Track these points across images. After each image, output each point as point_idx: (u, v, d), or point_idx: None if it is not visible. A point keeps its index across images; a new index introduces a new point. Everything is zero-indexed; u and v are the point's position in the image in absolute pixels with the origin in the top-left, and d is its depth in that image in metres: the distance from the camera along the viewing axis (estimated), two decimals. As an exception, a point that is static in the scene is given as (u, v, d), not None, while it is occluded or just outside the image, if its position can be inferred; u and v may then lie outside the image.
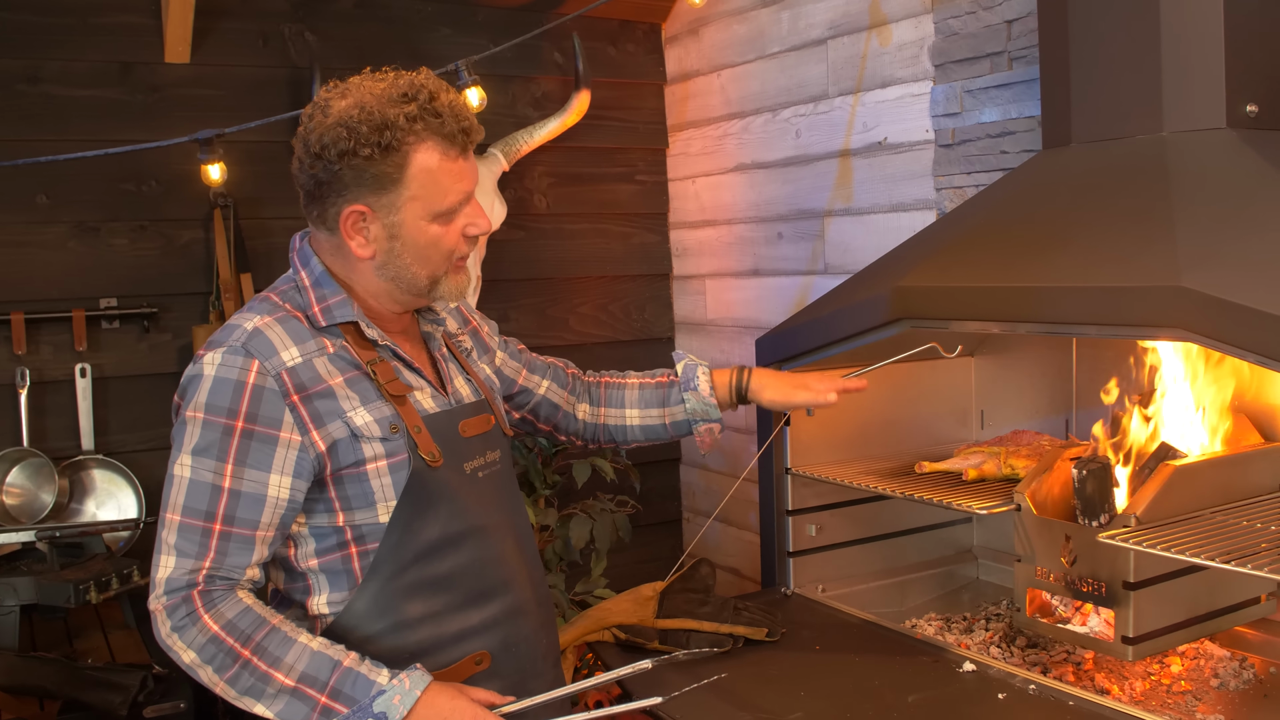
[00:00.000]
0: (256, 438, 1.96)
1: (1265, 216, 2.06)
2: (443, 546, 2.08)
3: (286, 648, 1.92)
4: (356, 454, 2.02)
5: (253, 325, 2.01)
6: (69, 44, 3.66)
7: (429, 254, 2.07)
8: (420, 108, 1.99)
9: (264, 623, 1.93)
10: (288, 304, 2.08)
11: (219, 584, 1.94)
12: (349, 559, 2.05)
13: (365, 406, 2.03)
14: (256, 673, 1.90)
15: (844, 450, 3.00)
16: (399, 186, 2.01)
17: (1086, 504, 2.34)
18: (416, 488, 2.05)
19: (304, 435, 1.98)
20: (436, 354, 2.24)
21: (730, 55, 4.22)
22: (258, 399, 1.96)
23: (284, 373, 1.98)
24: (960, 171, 3.23)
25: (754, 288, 4.22)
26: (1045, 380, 3.03)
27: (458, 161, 2.04)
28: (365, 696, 1.89)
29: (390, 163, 1.99)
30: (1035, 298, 2.25)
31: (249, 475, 1.96)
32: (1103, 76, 2.43)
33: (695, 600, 2.64)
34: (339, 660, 1.92)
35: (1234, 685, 2.39)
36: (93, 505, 3.71)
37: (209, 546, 1.94)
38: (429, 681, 1.94)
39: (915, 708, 2.24)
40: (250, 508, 1.96)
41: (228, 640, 1.90)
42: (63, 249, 3.68)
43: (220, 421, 1.96)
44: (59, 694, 3.03)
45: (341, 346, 2.07)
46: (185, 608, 1.92)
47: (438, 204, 2.04)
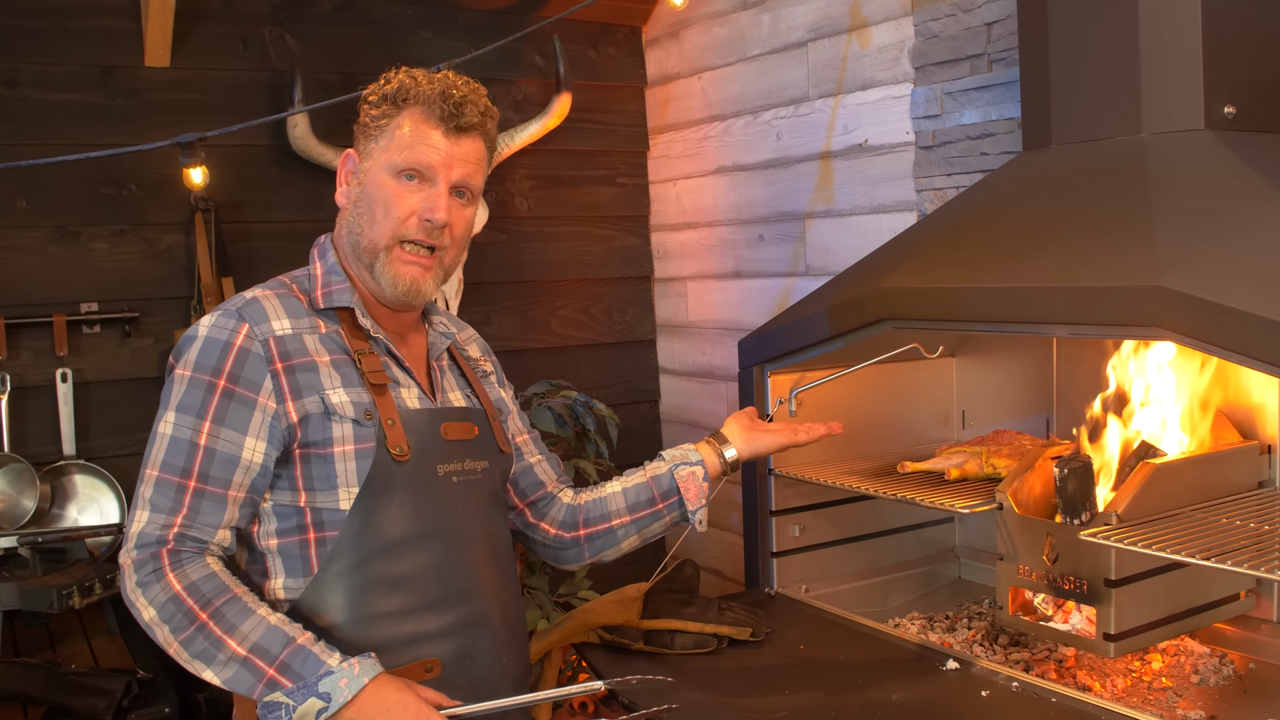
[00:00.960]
0: (236, 398, 1.99)
1: (1243, 216, 2.08)
2: (403, 544, 2.07)
3: (244, 617, 1.91)
4: (326, 431, 2.02)
5: (253, 295, 2.09)
6: (48, 48, 3.65)
7: (377, 213, 2.10)
8: (429, 86, 2.11)
9: (226, 590, 1.93)
10: (294, 285, 2.15)
11: (189, 544, 1.95)
12: (306, 545, 2.04)
13: (345, 388, 2.05)
14: (210, 637, 1.89)
15: (826, 451, 3.01)
16: (382, 136, 2.11)
17: (1068, 502, 2.35)
18: (379, 479, 2.04)
19: (280, 404, 2.01)
20: (434, 362, 2.24)
21: (711, 58, 4.23)
22: (242, 360, 2.00)
23: (271, 339, 2.02)
24: (941, 173, 3.25)
25: (735, 290, 4.23)
26: (1026, 380, 3.05)
27: (434, 133, 2.09)
28: (312, 674, 1.88)
29: (383, 112, 2.11)
30: (1016, 298, 2.26)
31: (225, 435, 1.98)
32: (1082, 79, 2.45)
33: (680, 601, 2.64)
34: (294, 637, 1.91)
35: (1214, 681, 2.40)
36: (74, 510, 3.70)
37: (182, 503, 1.96)
38: (379, 671, 1.92)
39: (899, 706, 2.25)
40: (224, 466, 1.98)
41: (188, 601, 1.90)
42: (43, 253, 3.67)
43: (205, 379, 1.99)
44: (43, 700, 3.02)
45: (335, 331, 2.10)
46: (152, 564, 1.92)
47: (397, 156, 2.09)
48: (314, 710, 1.86)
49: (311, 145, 3.86)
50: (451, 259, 2.17)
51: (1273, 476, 2.53)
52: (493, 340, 4.29)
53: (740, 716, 2.23)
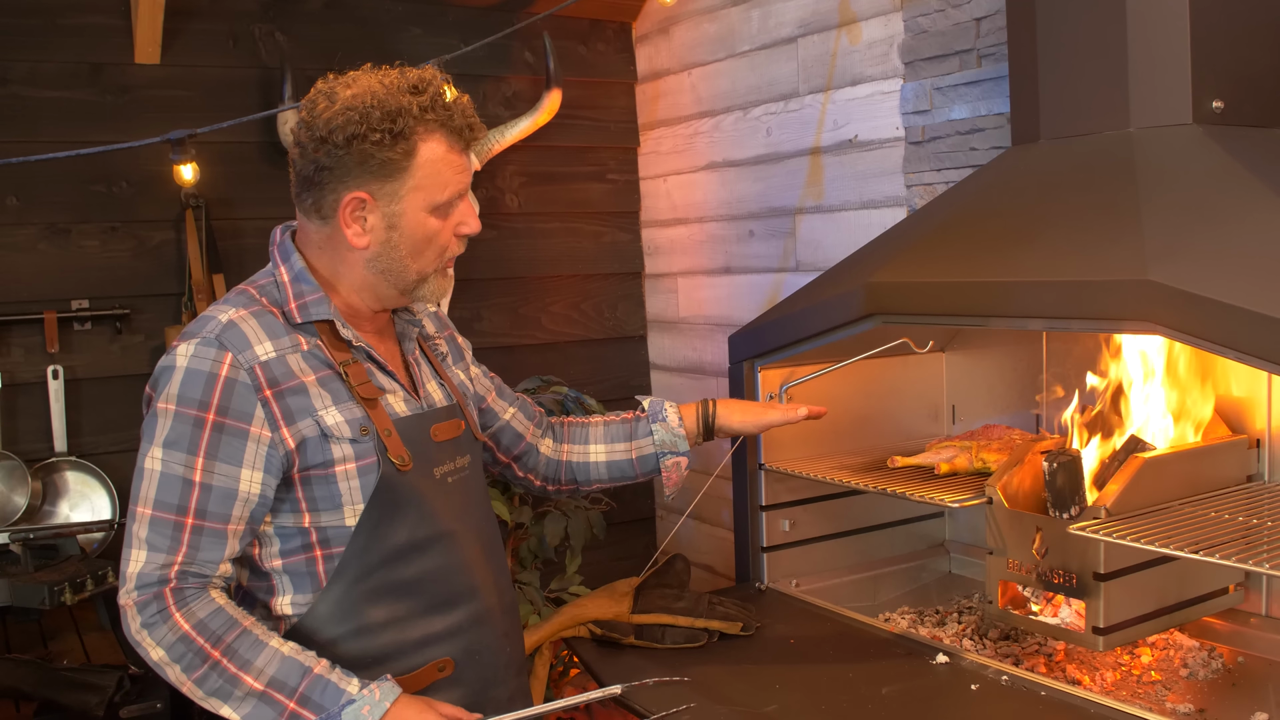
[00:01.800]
0: (228, 431, 1.95)
1: (1230, 210, 2.09)
2: (409, 551, 2.07)
3: (257, 651, 1.91)
4: (325, 454, 2.00)
5: (227, 318, 2.00)
6: (37, 45, 3.64)
7: (423, 248, 2.07)
8: (431, 99, 2.01)
9: (235, 624, 1.92)
10: (264, 298, 2.07)
11: (192, 581, 1.93)
12: (313, 561, 2.04)
13: (336, 406, 2.02)
14: (225, 674, 1.89)
15: (817, 446, 3.02)
16: (404, 175, 2.01)
17: (1057, 496, 2.36)
18: (385, 492, 2.04)
19: (274, 431, 1.97)
20: (410, 356, 2.23)
21: (701, 54, 4.23)
22: (229, 392, 1.95)
23: (257, 366, 1.97)
24: (930, 168, 3.25)
25: (726, 285, 4.24)
26: (1016, 375, 3.05)
27: (460, 156, 2.06)
28: (334, 705, 1.88)
29: (398, 150, 1.99)
30: (1005, 292, 2.27)
31: (220, 469, 1.94)
32: (1070, 74, 2.45)
33: (670, 595, 2.65)
34: (310, 667, 1.91)
35: (1203, 675, 2.41)
36: (66, 507, 3.70)
37: (181, 541, 1.93)
38: (399, 693, 1.93)
39: (889, 700, 2.25)
40: (222, 502, 1.94)
41: (198, 640, 1.89)
42: (33, 251, 3.67)
43: (191, 414, 1.94)
44: (35, 696, 3.02)
45: (315, 345, 2.05)
46: (156, 604, 1.90)
47: (438, 195, 2.04)
48: None
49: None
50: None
51: (1261, 470, 2.54)
52: (483, 336, 4.33)
53: (731, 711, 2.23)
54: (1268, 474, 2.53)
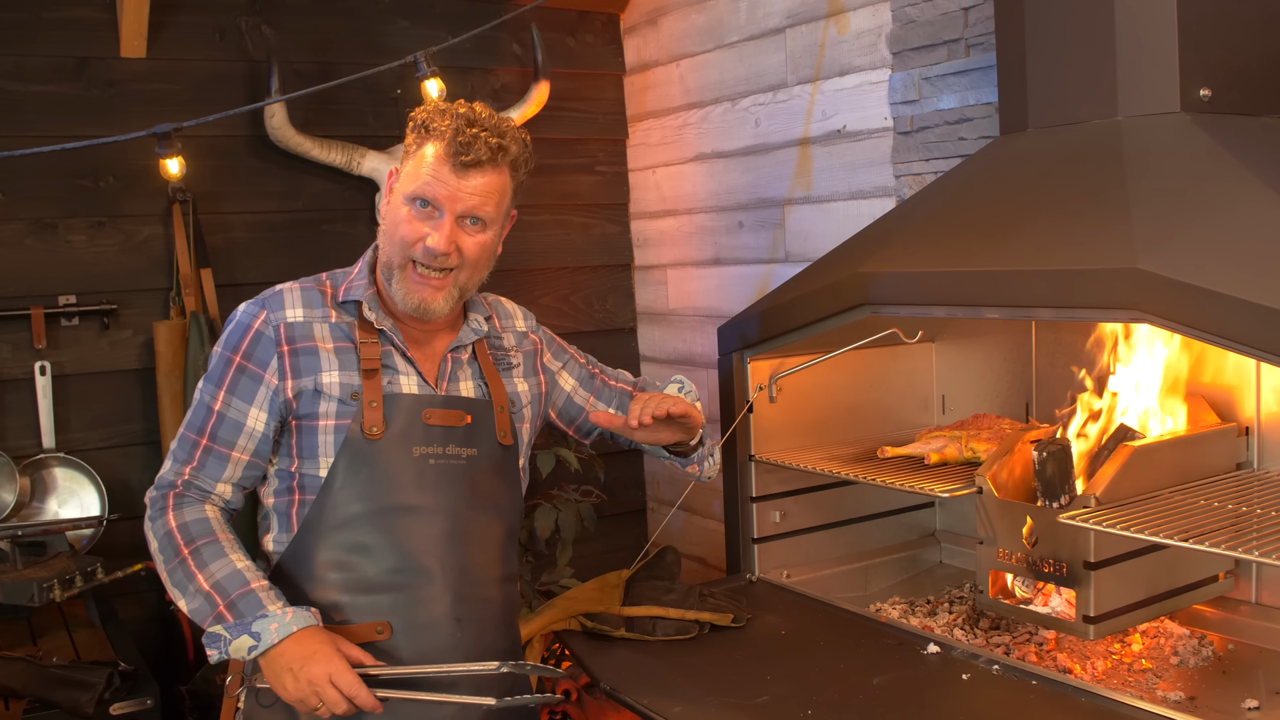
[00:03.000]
0: (247, 373, 2.23)
1: (1218, 198, 2.09)
2: (370, 515, 2.23)
3: (216, 558, 2.15)
4: (314, 406, 2.23)
5: (281, 287, 2.30)
6: (22, 39, 3.63)
7: (392, 232, 2.25)
8: (452, 119, 2.20)
9: (210, 533, 2.18)
10: (329, 281, 2.35)
11: (194, 491, 2.23)
12: (291, 504, 2.27)
13: (339, 372, 2.24)
14: (187, 571, 2.14)
15: (807, 436, 3.02)
16: (409, 161, 2.24)
17: (1047, 485, 2.36)
18: (349, 453, 2.22)
19: (281, 380, 2.23)
20: (450, 354, 2.35)
21: (689, 45, 4.23)
22: (256, 341, 2.24)
23: (282, 325, 2.24)
24: (919, 158, 3.25)
25: (715, 277, 4.23)
26: (1005, 364, 3.06)
27: (445, 166, 2.19)
28: (251, 615, 2.08)
29: (415, 143, 2.24)
30: (994, 281, 2.27)
31: (235, 403, 2.23)
32: (1058, 62, 2.45)
33: (661, 587, 2.65)
34: (249, 581, 2.13)
35: (1193, 663, 2.42)
36: (54, 504, 3.69)
37: (194, 456, 2.24)
38: (310, 623, 2.11)
39: (880, 689, 2.26)
40: (230, 430, 2.23)
41: (177, 538, 2.17)
42: (20, 246, 3.65)
43: (228, 356, 2.25)
44: (24, 693, 3.00)
45: (348, 323, 2.28)
46: (161, 503, 2.22)
47: (409, 185, 2.22)
48: (245, 646, 2.08)
49: (289, 135, 3.85)
50: (467, 278, 2.29)
51: (1250, 458, 2.54)
52: (473, 329, 4.30)
53: (722, 702, 2.23)
54: (1257, 462, 2.54)
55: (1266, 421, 2.52)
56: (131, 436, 3.83)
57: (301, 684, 2.06)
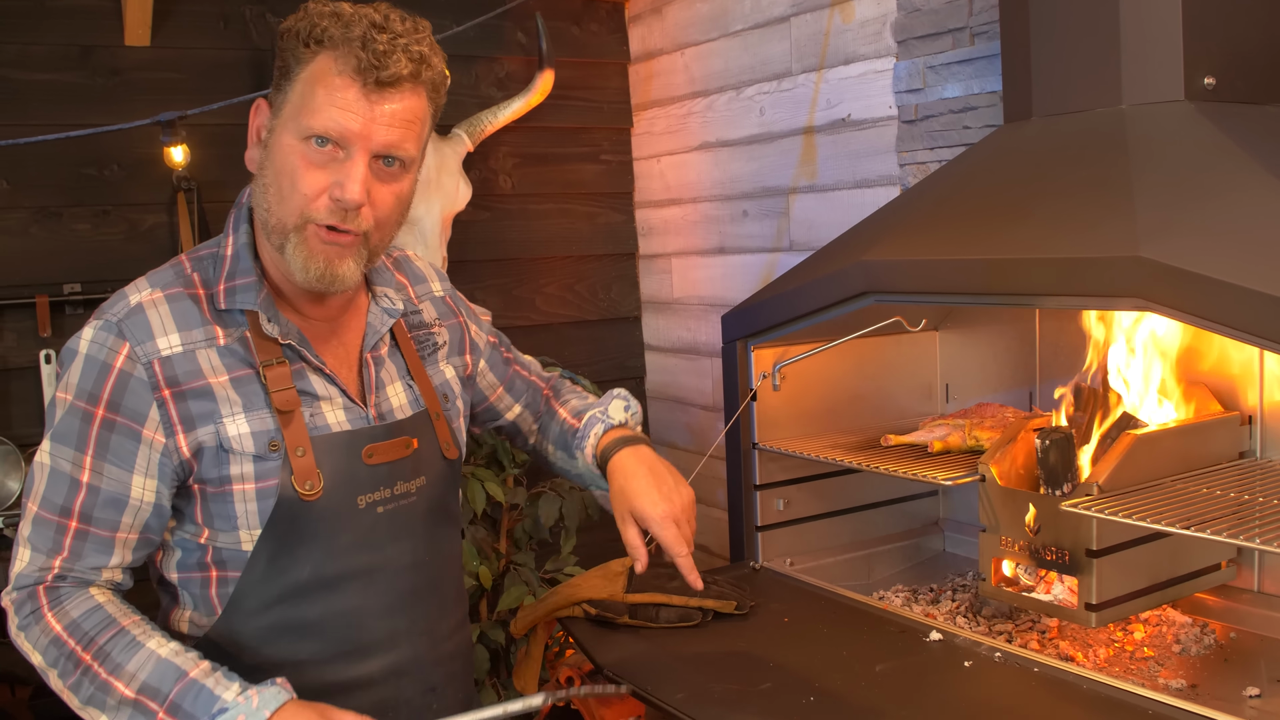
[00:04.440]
0: (118, 429, 1.75)
1: (1222, 187, 2.09)
2: (314, 588, 1.84)
3: (131, 653, 1.69)
4: (222, 468, 1.78)
5: (137, 300, 1.79)
6: (26, 27, 3.63)
7: (283, 185, 1.74)
8: (350, 24, 1.71)
9: (112, 623, 1.72)
10: (196, 274, 1.84)
11: (70, 580, 1.76)
12: (208, 583, 1.85)
13: (246, 414, 1.78)
14: (97, 680, 1.68)
15: (810, 425, 3.02)
16: (291, 85, 1.74)
17: (1050, 473, 2.36)
18: (284, 520, 1.80)
19: (169, 437, 1.76)
20: (368, 354, 1.95)
21: (694, 33, 4.22)
22: (122, 387, 1.74)
23: (156, 361, 1.75)
24: (923, 147, 3.25)
25: (720, 266, 4.23)
26: (1009, 353, 3.05)
27: (350, 90, 1.70)
28: (205, 714, 1.64)
29: (293, 56, 1.73)
30: (998, 269, 2.27)
31: (109, 471, 1.75)
32: (1063, 51, 2.45)
33: (664, 575, 2.65)
34: (185, 670, 1.68)
35: (1195, 651, 2.42)
36: (60, 491, 3.69)
37: (62, 545, 1.75)
38: (284, 700, 1.67)
39: (883, 677, 2.26)
40: (109, 507, 1.76)
41: (69, 642, 1.70)
42: (24, 234, 3.66)
43: (81, 406, 1.75)
44: (29, 679, 3.02)
45: (240, 338, 1.81)
46: (30, 605, 1.74)
47: (309, 119, 1.71)
48: None
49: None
50: (379, 240, 1.82)
51: (1253, 447, 2.54)
52: (477, 318, 4.31)
53: (725, 689, 2.24)
54: (1260, 450, 2.54)
55: (1270, 410, 2.52)
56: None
57: None
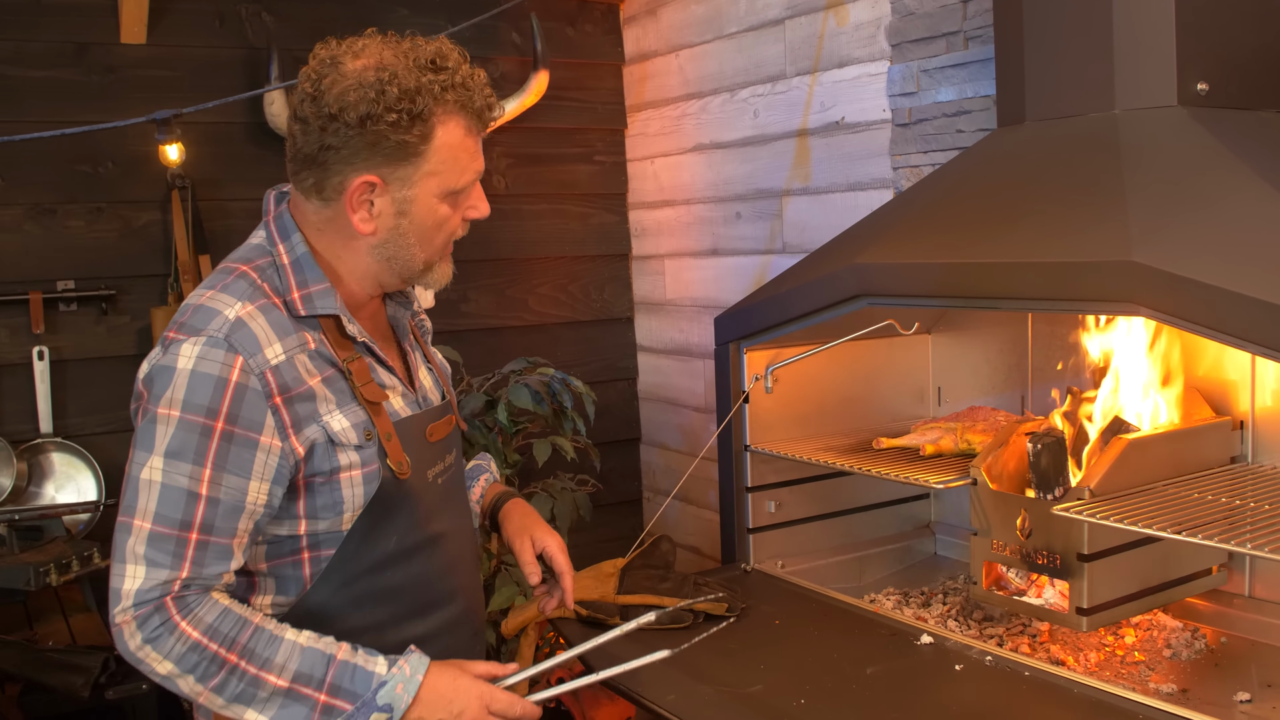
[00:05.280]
0: (237, 441, 1.80)
1: (1214, 192, 2.10)
2: (398, 558, 1.98)
3: (275, 646, 1.79)
4: (332, 461, 1.88)
5: (235, 314, 1.84)
6: (22, 24, 3.63)
7: (433, 236, 1.94)
8: (451, 77, 1.86)
9: (246, 623, 1.80)
10: (266, 285, 1.91)
11: (194, 589, 1.80)
12: (300, 564, 1.93)
13: (341, 410, 1.89)
14: (246, 677, 1.77)
15: (803, 427, 3.03)
16: (418, 160, 1.86)
17: (1041, 477, 2.36)
18: (382, 499, 1.94)
19: (284, 440, 1.83)
20: (405, 344, 2.11)
21: (688, 35, 4.23)
22: (240, 399, 1.80)
23: (268, 372, 1.82)
24: (917, 150, 3.26)
25: (713, 267, 4.24)
26: (1001, 356, 3.06)
27: (477, 140, 1.93)
28: (367, 690, 1.80)
29: (415, 133, 1.84)
30: (991, 273, 2.28)
31: (228, 481, 1.80)
32: (1056, 56, 2.46)
33: (656, 576, 2.66)
34: (332, 654, 1.81)
35: (1186, 655, 2.42)
36: (51, 488, 3.69)
37: (185, 557, 1.78)
38: (428, 663, 1.85)
39: (874, 679, 2.26)
40: (229, 516, 1.81)
41: (210, 646, 1.76)
42: (19, 231, 3.66)
43: (198, 421, 1.79)
44: (20, 677, 3.02)
45: (320, 341, 1.91)
46: (159, 617, 1.76)
47: (454, 182, 1.91)
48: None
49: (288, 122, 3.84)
50: None
51: (1244, 452, 2.55)
52: (470, 318, 4.33)
53: (716, 690, 2.24)
54: (1251, 455, 2.54)
55: (1261, 415, 2.53)
56: (129, 422, 3.75)
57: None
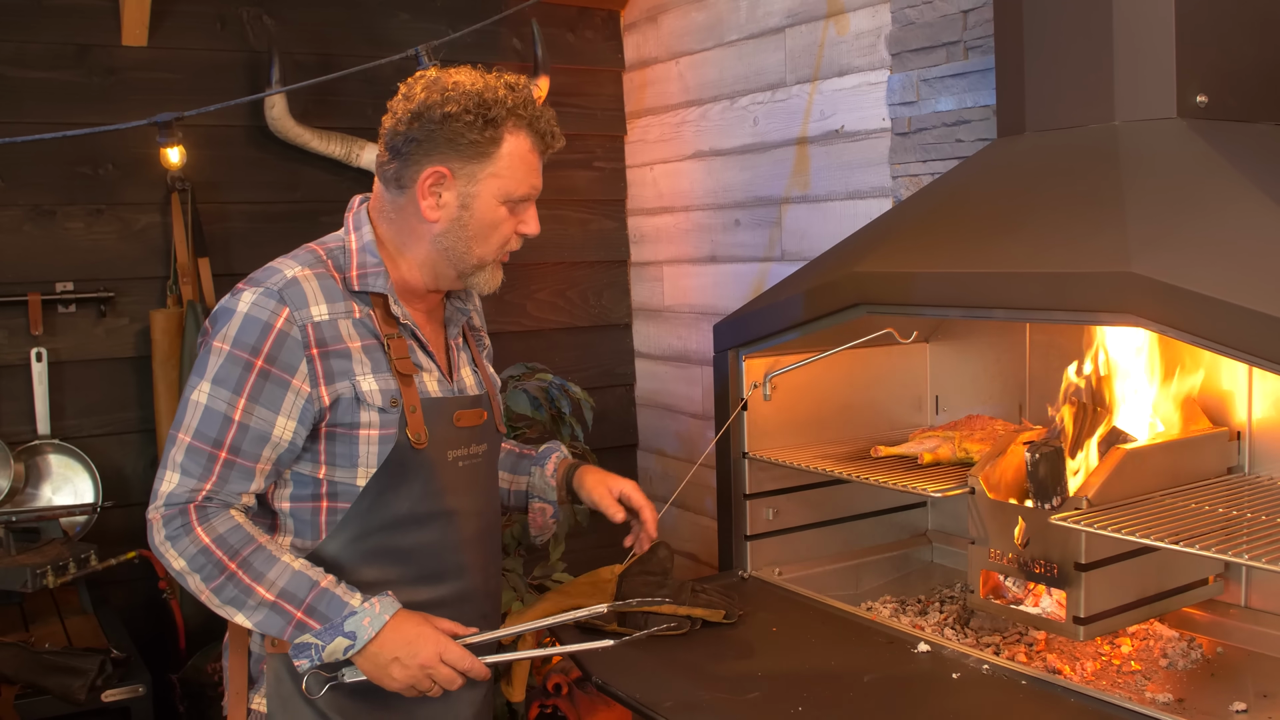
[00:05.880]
0: (272, 379, 2.07)
1: (1213, 204, 2.10)
2: (408, 522, 2.17)
3: (270, 564, 2.04)
4: (354, 416, 2.11)
5: (293, 274, 2.12)
6: (24, 25, 3.63)
7: (489, 234, 2.18)
8: (524, 98, 2.16)
9: (251, 540, 2.05)
10: (330, 261, 2.18)
11: (215, 502, 2.07)
12: (318, 512, 2.15)
13: (374, 375, 2.13)
14: (240, 585, 2.03)
15: (801, 435, 3.03)
16: (487, 160, 2.13)
17: (1039, 487, 2.37)
18: (396, 463, 2.14)
19: (314, 387, 2.09)
20: (452, 341, 2.32)
21: (689, 43, 4.23)
22: (280, 343, 2.07)
23: (309, 325, 2.08)
24: (916, 160, 3.26)
25: (711, 274, 4.24)
26: (999, 365, 3.06)
27: (538, 160, 2.18)
28: (337, 615, 2.03)
29: (486, 135, 2.11)
30: (989, 283, 2.28)
31: (259, 412, 2.07)
32: (1057, 66, 2.46)
33: (653, 583, 2.65)
34: (317, 580, 2.05)
35: (1182, 665, 2.43)
36: (49, 490, 3.69)
37: (212, 471, 2.06)
38: (398, 608, 2.07)
39: (871, 687, 2.26)
40: (255, 442, 2.07)
41: (216, 552, 2.03)
42: (18, 232, 3.66)
43: (243, 357, 2.06)
44: (16, 679, 3.01)
45: (367, 314, 2.16)
46: (180, 519, 2.04)
47: (514, 189, 2.16)
48: (341, 648, 2.03)
49: (288, 126, 3.85)
50: None
51: (1241, 463, 2.55)
52: (469, 323, 4.31)
53: (713, 697, 2.24)
54: (1248, 466, 2.55)
55: (1258, 426, 2.53)
56: (127, 424, 3.83)
57: (412, 670, 2.05)
